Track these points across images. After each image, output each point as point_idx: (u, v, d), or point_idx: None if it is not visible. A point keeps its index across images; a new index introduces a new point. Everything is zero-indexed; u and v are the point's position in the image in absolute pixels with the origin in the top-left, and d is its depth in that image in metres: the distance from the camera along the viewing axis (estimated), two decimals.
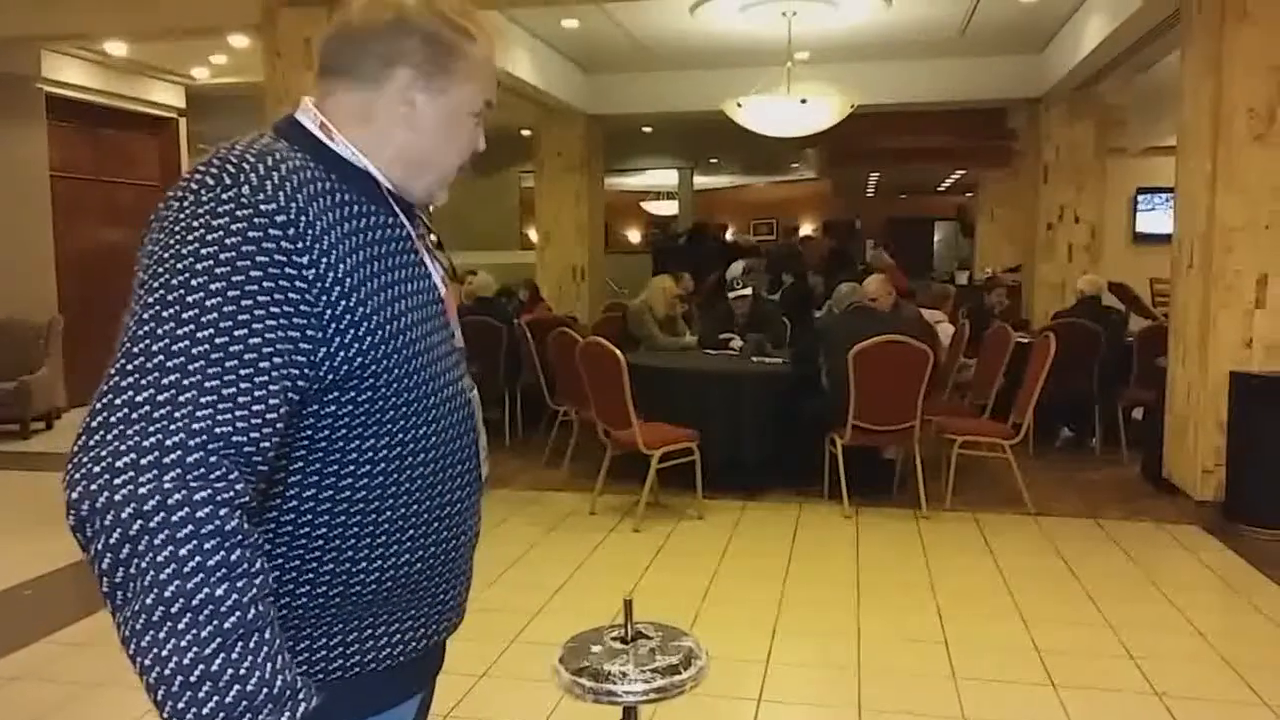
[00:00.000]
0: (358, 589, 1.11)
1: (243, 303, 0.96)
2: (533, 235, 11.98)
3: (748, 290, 7.00)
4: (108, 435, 0.91)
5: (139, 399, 0.91)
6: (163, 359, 0.93)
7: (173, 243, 0.99)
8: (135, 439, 0.90)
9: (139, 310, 0.96)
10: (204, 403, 0.92)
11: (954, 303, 8.80)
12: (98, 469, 0.89)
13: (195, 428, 0.91)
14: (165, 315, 0.95)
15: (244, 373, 0.94)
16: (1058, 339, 5.52)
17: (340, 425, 1.07)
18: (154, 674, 0.87)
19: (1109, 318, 7.03)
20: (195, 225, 0.99)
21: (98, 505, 0.89)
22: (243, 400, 0.94)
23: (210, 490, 0.90)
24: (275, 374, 0.97)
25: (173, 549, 0.88)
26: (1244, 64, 5.05)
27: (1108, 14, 6.94)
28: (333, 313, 1.02)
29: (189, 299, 0.95)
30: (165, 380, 0.92)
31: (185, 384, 0.92)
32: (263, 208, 1.00)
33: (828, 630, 3.75)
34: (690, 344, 6.91)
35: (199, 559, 0.88)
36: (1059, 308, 8.06)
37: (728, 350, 6.60)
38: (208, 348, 0.94)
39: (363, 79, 1.14)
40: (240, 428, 0.93)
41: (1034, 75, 9.17)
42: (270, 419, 0.96)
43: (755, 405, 5.65)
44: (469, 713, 3.06)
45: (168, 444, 0.90)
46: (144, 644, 0.87)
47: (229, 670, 0.88)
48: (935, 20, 8.00)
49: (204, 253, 0.97)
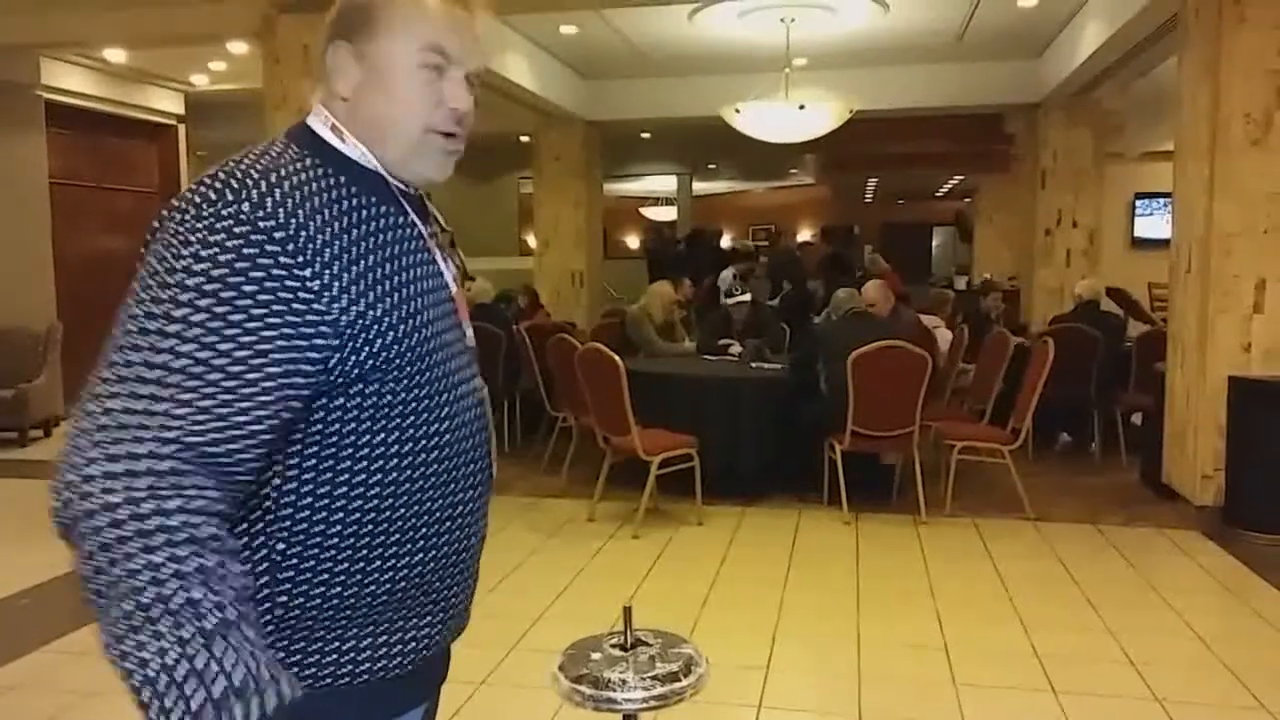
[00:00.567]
0: (371, 589, 1.11)
1: (231, 317, 0.98)
2: (531, 241, 11.98)
3: (746, 296, 7.00)
4: (83, 443, 0.93)
5: (116, 407, 0.94)
6: (142, 370, 0.95)
7: (168, 255, 1.00)
8: (109, 448, 0.92)
9: (126, 320, 0.99)
10: (177, 415, 0.94)
11: (953, 308, 8.80)
12: (74, 477, 0.92)
13: (167, 437, 0.93)
14: (150, 327, 0.97)
15: (228, 385, 0.96)
16: (1056, 344, 5.52)
17: (350, 420, 1.08)
18: (139, 676, 0.89)
19: (1107, 323, 7.04)
20: (192, 240, 1.00)
21: (76, 513, 0.91)
22: (221, 412, 0.95)
23: (182, 499, 0.92)
24: (268, 385, 0.98)
25: (148, 556, 0.90)
26: (1241, 69, 5.06)
27: (1105, 19, 6.95)
28: (346, 319, 1.04)
29: (175, 313, 0.97)
30: (142, 391, 0.94)
31: (160, 395, 0.94)
32: (261, 224, 1.01)
33: (827, 636, 3.75)
34: (689, 350, 6.91)
35: (175, 566, 0.90)
36: (1057, 313, 8.07)
37: (727, 356, 6.60)
38: (189, 361, 0.95)
39: (324, 67, 1.18)
40: (214, 439, 0.95)
41: (1032, 80, 9.18)
42: (253, 430, 0.98)
43: (754, 411, 5.64)
44: None
45: (139, 453, 0.92)
46: (127, 647, 0.89)
47: (214, 666, 0.90)
48: (933, 26, 8.02)
49: (197, 268, 0.99)
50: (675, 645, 1.74)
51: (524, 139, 11.08)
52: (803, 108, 7.35)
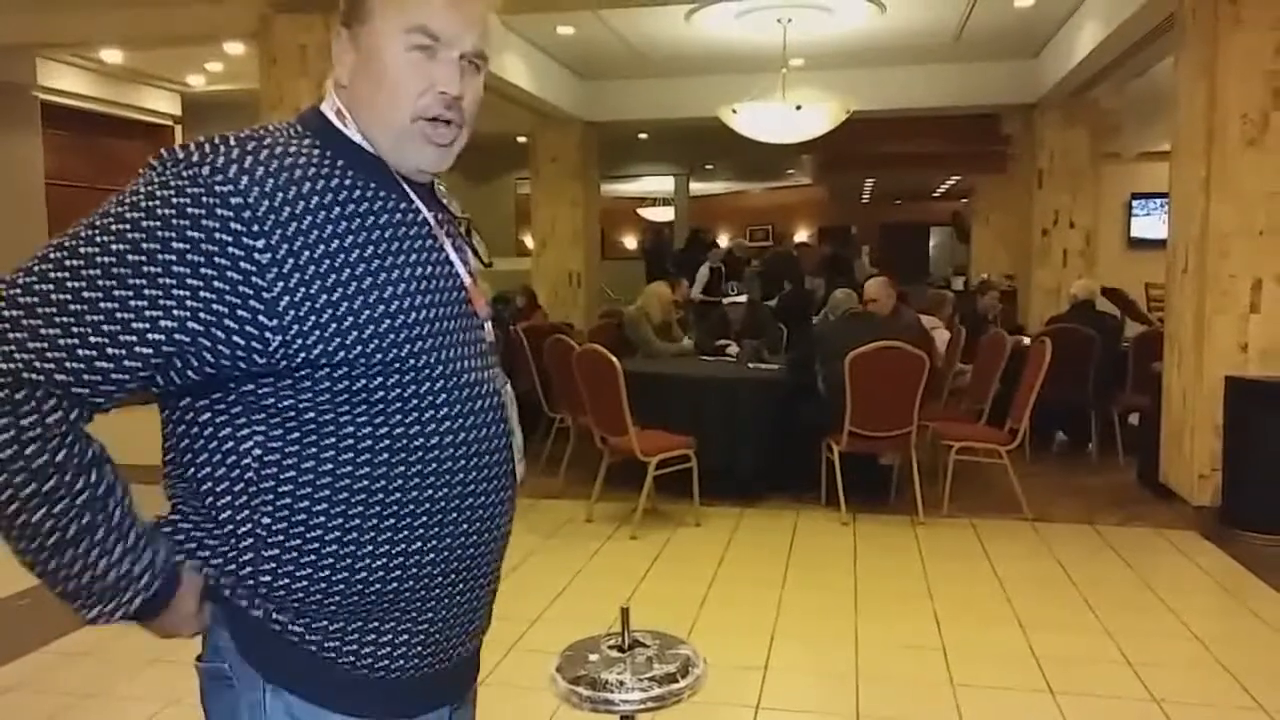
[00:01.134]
0: (363, 574, 1.10)
1: (145, 268, 0.98)
2: (529, 242, 11.98)
3: (743, 296, 7.00)
4: None
5: None
6: (19, 293, 0.97)
7: (113, 199, 1.02)
8: None
9: (42, 246, 1.01)
10: (31, 346, 0.96)
11: (951, 308, 8.80)
12: None
13: (16, 361, 0.95)
14: (52, 256, 0.99)
15: (106, 328, 0.97)
16: (1053, 344, 5.52)
17: (325, 404, 1.07)
18: (70, 584, 1.06)
19: (1104, 323, 7.04)
20: (139, 190, 1.02)
21: None
22: (82, 353, 0.97)
23: (12, 418, 0.95)
24: (151, 337, 0.99)
25: (5, 477, 0.96)
26: (1238, 69, 5.06)
27: (1102, 20, 6.96)
28: (291, 299, 1.02)
29: (82, 249, 0.99)
30: (9, 313, 0.96)
31: (23, 322, 0.96)
32: (218, 189, 1.01)
33: (825, 637, 3.75)
34: (687, 350, 6.91)
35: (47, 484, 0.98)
36: (1054, 313, 8.07)
37: (724, 357, 6.60)
38: (67, 297, 0.97)
39: (333, 54, 1.18)
40: (71, 369, 0.97)
41: (1028, 81, 9.20)
42: (116, 378, 0.99)
43: (752, 412, 5.64)
44: None
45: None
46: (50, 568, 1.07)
47: (135, 565, 1.05)
48: (930, 26, 8.03)
49: (128, 216, 1.00)
50: (673, 646, 1.75)
51: (521, 139, 11.08)
52: (799, 108, 7.36)
